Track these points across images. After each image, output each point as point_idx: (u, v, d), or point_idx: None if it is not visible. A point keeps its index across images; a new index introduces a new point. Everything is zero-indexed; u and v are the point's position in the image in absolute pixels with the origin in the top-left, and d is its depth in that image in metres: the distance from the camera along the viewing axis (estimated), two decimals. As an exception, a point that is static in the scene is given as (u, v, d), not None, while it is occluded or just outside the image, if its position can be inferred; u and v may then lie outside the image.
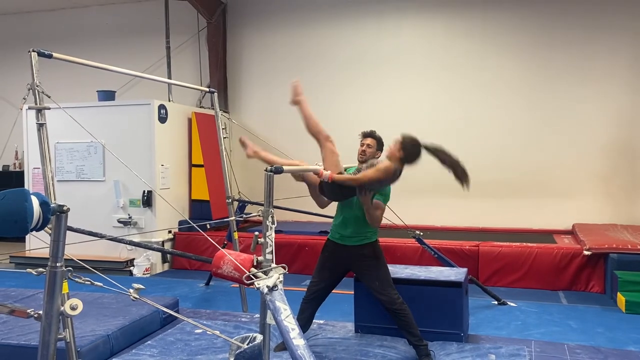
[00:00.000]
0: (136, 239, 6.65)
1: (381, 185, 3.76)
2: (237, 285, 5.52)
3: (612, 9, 7.73)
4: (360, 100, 8.56)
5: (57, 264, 2.14)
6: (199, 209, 8.12)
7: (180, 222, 7.65)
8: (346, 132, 5.11)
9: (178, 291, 6.39)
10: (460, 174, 3.51)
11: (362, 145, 4.13)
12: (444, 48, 8.40)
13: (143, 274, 7.35)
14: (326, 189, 3.75)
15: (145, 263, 7.42)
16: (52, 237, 2.13)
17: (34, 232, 2.04)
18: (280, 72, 8.91)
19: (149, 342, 4.31)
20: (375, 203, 3.81)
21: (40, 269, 2.26)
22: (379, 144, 4.15)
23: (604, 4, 7.76)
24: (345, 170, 3.86)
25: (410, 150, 3.60)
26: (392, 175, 3.64)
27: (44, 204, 1.99)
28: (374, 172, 3.63)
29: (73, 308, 2.11)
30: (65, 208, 2.09)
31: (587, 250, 6.20)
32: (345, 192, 3.73)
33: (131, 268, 7.45)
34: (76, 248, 2.97)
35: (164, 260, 7.80)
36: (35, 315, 2.19)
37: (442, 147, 3.56)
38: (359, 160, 4.12)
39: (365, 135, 4.15)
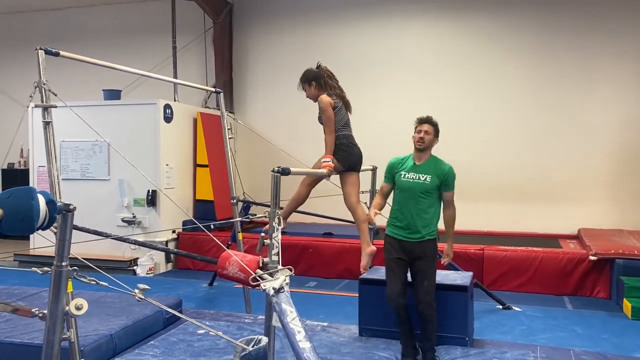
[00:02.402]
0: (140, 238, 6.64)
1: (339, 114, 4.09)
2: (241, 286, 5.50)
3: (621, 12, 7.67)
4: (366, 101, 8.52)
5: (63, 264, 2.12)
6: (203, 209, 8.10)
7: (185, 222, 7.65)
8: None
9: (181, 291, 6.37)
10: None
11: (419, 132, 3.98)
12: (449, 50, 8.37)
13: (147, 273, 7.34)
14: (343, 162, 4.06)
15: (149, 263, 7.42)
16: (58, 236, 2.11)
17: (39, 231, 2.01)
18: (286, 72, 8.88)
19: (152, 342, 4.30)
20: None
21: (46, 268, 2.23)
22: (436, 130, 4.02)
23: (612, 6, 7.70)
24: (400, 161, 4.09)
25: (312, 75, 4.18)
26: (329, 101, 4.08)
27: (50, 202, 1.96)
28: (323, 115, 4.04)
29: (78, 308, 2.09)
30: (71, 207, 2.08)
31: (593, 255, 6.15)
32: (350, 150, 4.11)
33: (135, 267, 7.44)
34: (79, 247, 2.95)
35: (168, 260, 7.80)
36: (40, 315, 2.17)
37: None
38: (417, 148, 3.98)
39: (422, 121, 4.00)
